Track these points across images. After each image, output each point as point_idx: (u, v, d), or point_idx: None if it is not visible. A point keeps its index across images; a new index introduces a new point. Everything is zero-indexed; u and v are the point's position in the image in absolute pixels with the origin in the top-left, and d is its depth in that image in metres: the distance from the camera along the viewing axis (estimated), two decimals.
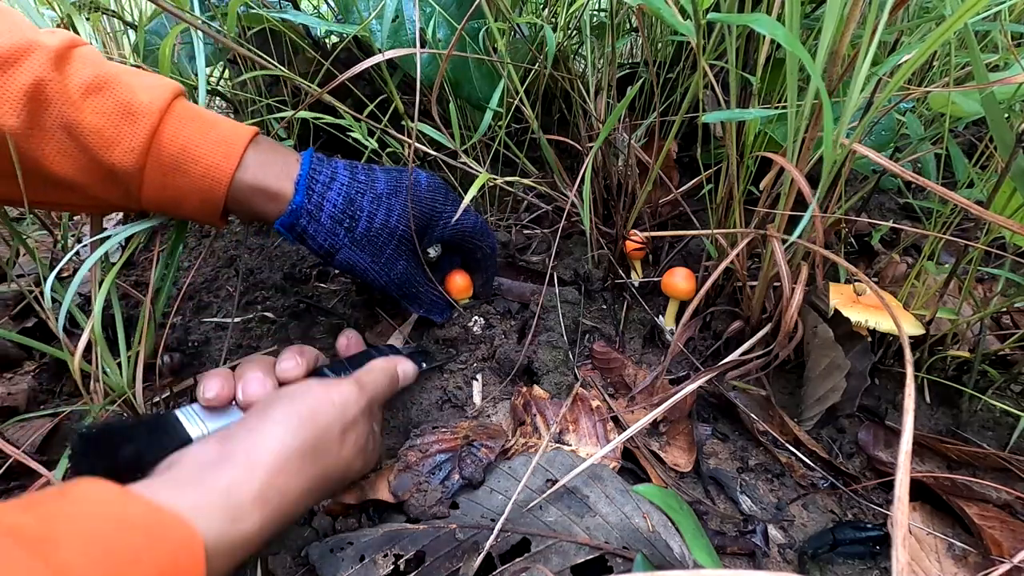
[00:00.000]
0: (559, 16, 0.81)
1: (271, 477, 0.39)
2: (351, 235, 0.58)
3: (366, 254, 0.59)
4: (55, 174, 0.46)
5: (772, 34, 0.39)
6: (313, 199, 0.55)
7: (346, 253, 0.59)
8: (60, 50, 0.44)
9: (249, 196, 0.53)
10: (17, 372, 0.73)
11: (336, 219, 0.57)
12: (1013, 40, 0.58)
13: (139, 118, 0.47)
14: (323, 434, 0.45)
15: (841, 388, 0.55)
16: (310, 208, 0.55)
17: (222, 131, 0.51)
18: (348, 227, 0.58)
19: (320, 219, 0.56)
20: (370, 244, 0.59)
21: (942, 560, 0.52)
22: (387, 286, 0.62)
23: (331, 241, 0.57)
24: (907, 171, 0.45)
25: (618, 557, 0.47)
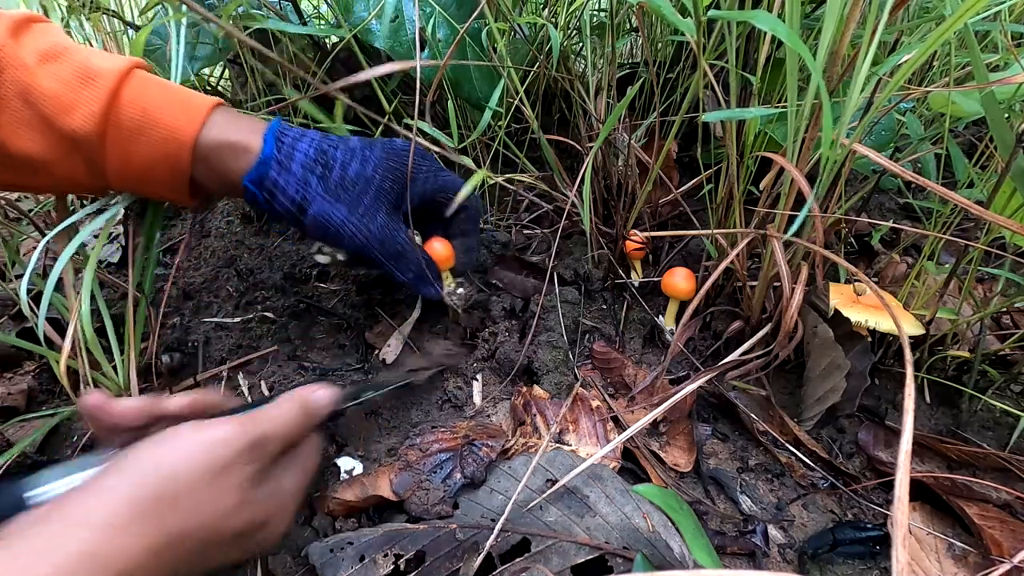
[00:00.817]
0: (559, 16, 0.81)
1: (91, 540, 0.32)
2: (324, 184, 0.54)
3: (342, 205, 0.54)
4: (16, 149, 0.45)
5: (773, 30, 0.39)
6: (283, 149, 0.52)
7: (320, 205, 0.53)
8: (17, 21, 0.44)
9: (216, 153, 0.50)
10: (17, 372, 0.73)
11: (308, 167, 0.53)
12: (1013, 40, 0.58)
13: (97, 81, 0.45)
14: (173, 482, 0.35)
15: (841, 388, 0.55)
16: (280, 158, 0.52)
17: (185, 95, 0.50)
18: (321, 175, 0.53)
19: (291, 168, 0.53)
20: (346, 194, 0.55)
21: (942, 560, 0.52)
22: (367, 244, 0.56)
23: (303, 192, 0.53)
24: (907, 171, 0.45)
25: (618, 557, 0.47)
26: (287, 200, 0.53)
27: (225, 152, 0.51)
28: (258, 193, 0.53)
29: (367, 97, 1.00)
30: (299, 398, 0.46)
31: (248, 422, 0.40)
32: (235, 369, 0.71)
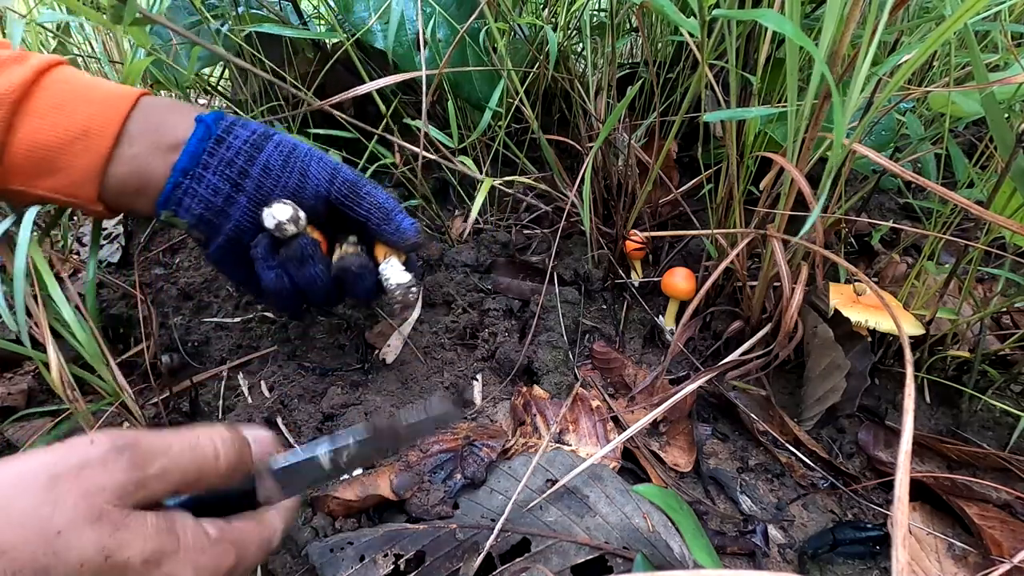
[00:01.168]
0: (559, 16, 0.81)
1: None
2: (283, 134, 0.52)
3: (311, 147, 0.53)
4: None
5: (779, 28, 0.39)
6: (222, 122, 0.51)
7: (285, 137, 0.51)
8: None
9: (165, 107, 0.49)
10: (17, 372, 0.73)
11: (267, 127, 0.52)
12: (1013, 40, 0.58)
13: (29, 59, 0.45)
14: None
15: (841, 388, 0.55)
16: (239, 119, 0.51)
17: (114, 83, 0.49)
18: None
19: (246, 122, 0.51)
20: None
21: (942, 560, 0.52)
22: (337, 166, 0.52)
23: (264, 130, 0.51)
24: (907, 171, 0.45)
25: (618, 557, 0.47)
26: (247, 131, 0.50)
27: (171, 108, 0.49)
28: (213, 127, 0.49)
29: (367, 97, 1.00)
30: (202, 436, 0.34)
31: (117, 432, 0.31)
32: (235, 369, 0.71)
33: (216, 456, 0.34)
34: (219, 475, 0.34)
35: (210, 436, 0.34)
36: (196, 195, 0.48)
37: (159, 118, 0.48)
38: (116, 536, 0.28)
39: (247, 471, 0.36)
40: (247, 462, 0.36)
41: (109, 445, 0.30)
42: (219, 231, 0.51)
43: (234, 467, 0.35)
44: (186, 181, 0.48)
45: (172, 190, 0.48)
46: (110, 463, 0.29)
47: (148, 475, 0.30)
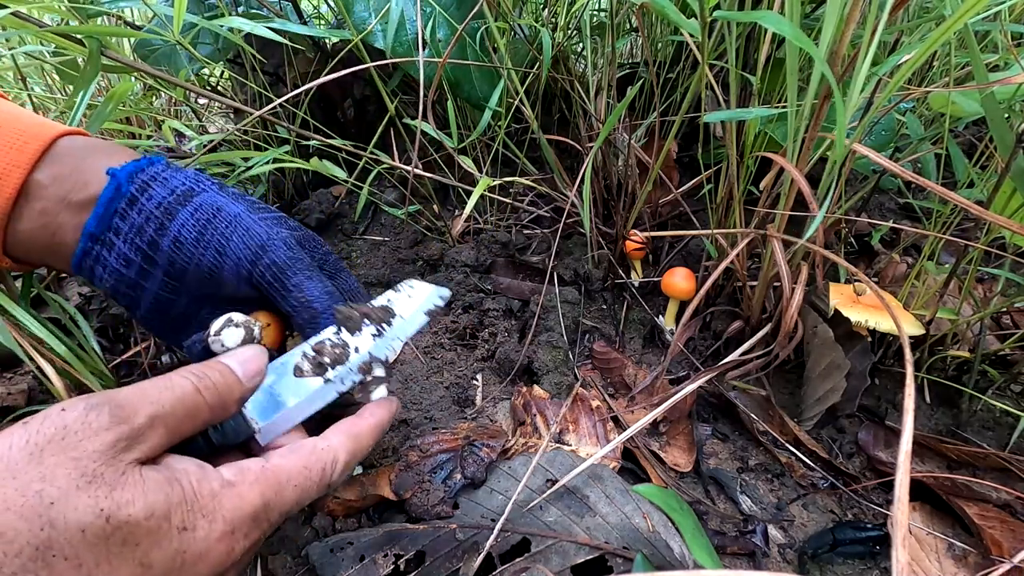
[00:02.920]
0: (559, 16, 0.81)
1: None
2: (215, 187, 0.43)
3: (236, 201, 0.43)
4: None
5: (779, 29, 0.39)
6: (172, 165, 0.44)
7: (211, 197, 0.42)
8: None
9: (82, 153, 0.41)
10: (17, 372, 0.73)
11: (206, 177, 0.44)
12: (1013, 40, 0.58)
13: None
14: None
15: (841, 388, 0.55)
16: (173, 166, 0.43)
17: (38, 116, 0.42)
18: (219, 185, 0.44)
19: (185, 172, 0.43)
20: (236, 198, 0.44)
21: (942, 560, 0.52)
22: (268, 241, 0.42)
23: (188, 184, 0.42)
24: (907, 171, 0.45)
25: (618, 557, 0.47)
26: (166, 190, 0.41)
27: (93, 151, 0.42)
28: (126, 184, 0.41)
29: (367, 97, 1.01)
30: (189, 367, 0.33)
31: (87, 395, 0.30)
32: None
33: (197, 390, 0.32)
34: (210, 408, 0.32)
35: (182, 374, 0.32)
36: (107, 266, 0.41)
37: (73, 165, 0.40)
38: (113, 496, 0.27)
39: (241, 398, 0.34)
40: (236, 389, 0.33)
41: (83, 406, 0.28)
42: (138, 304, 0.43)
43: (223, 397, 0.33)
44: (96, 247, 0.41)
45: (82, 256, 0.41)
46: (91, 423, 0.28)
47: (135, 427, 0.29)
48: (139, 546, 0.27)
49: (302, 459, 0.35)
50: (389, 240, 0.88)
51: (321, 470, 0.35)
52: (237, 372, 0.35)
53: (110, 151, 0.42)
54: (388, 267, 0.83)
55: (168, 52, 0.83)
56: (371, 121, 1.00)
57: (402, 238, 0.89)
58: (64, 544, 0.25)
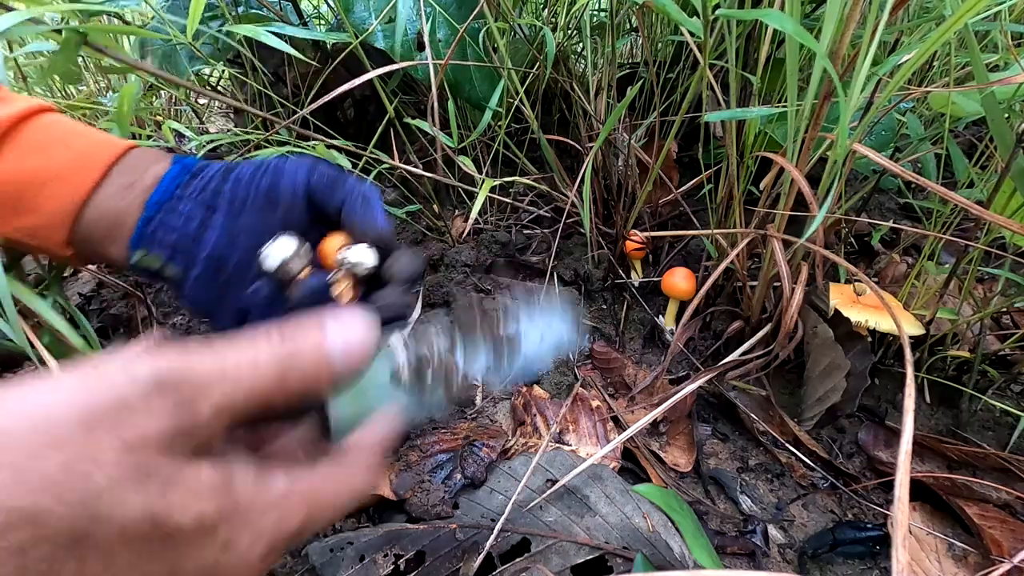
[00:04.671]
0: (559, 16, 0.81)
1: None
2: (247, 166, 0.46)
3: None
4: None
5: (782, 27, 0.39)
6: (200, 162, 0.47)
7: (247, 167, 0.45)
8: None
9: (146, 155, 0.45)
10: (17, 372, 0.73)
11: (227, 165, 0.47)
12: (1013, 40, 0.58)
13: (16, 102, 0.43)
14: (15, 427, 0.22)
15: (841, 388, 0.55)
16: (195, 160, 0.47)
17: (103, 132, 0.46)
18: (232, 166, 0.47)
19: (213, 164, 0.46)
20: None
21: (942, 560, 0.52)
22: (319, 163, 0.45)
23: (226, 165, 0.45)
24: (907, 171, 0.45)
25: (618, 557, 0.47)
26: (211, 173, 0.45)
27: (153, 158, 0.46)
28: (191, 162, 0.45)
29: (366, 97, 1.01)
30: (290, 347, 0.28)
31: (164, 355, 0.25)
32: None
33: (281, 379, 0.27)
34: (286, 403, 0.28)
35: (271, 353, 0.27)
36: (168, 225, 0.43)
37: (143, 167, 0.44)
38: (166, 498, 0.23)
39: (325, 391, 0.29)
40: (325, 387, 0.29)
41: (152, 383, 0.24)
42: (195, 260, 0.44)
43: (307, 393, 0.28)
44: (159, 214, 0.43)
45: (144, 226, 0.43)
46: (154, 405, 0.24)
47: (200, 420, 0.25)
48: (176, 551, 0.24)
49: (348, 477, 0.31)
50: None
51: (352, 490, 0.31)
52: (335, 365, 0.29)
53: (172, 156, 0.47)
54: None
55: (169, 52, 0.83)
56: (371, 121, 1.00)
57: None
58: (101, 539, 0.22)
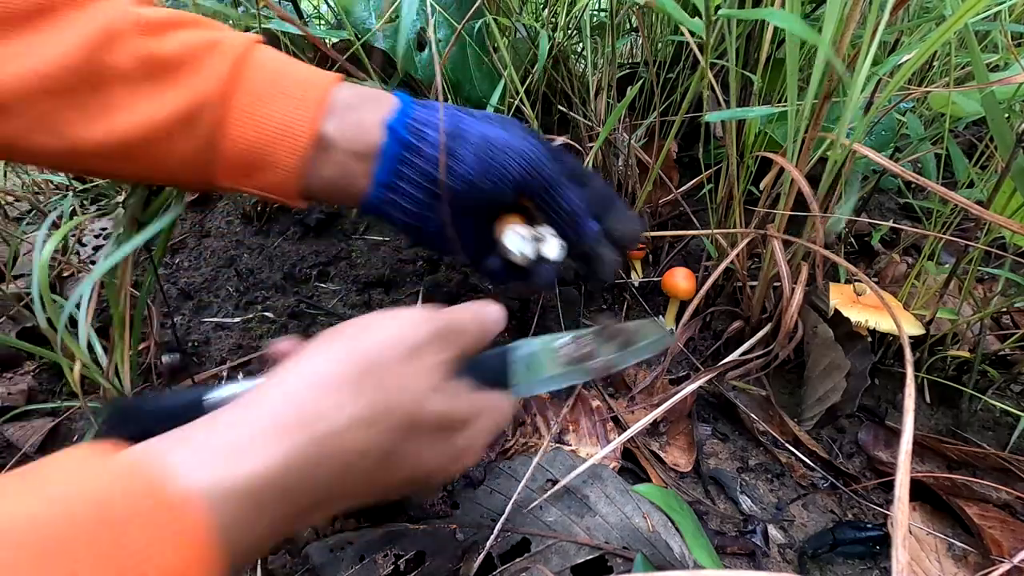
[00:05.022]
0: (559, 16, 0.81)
1: (298, 400, 0.31)
2: (473, 117, 0.48)
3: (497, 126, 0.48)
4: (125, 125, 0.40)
5: (786, 26, 0.39)
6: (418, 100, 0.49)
7: (479, 127, 0.47)
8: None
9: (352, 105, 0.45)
10: (17, 372, 0.73)
11: (450, 109, 0.48)
12: (1013, 40, 0.58)
13: (223, 46, 0.42)
14: (374, 353, 0.35)
15: (841, 388, 0.55)
16: (421, 102, 0.48)
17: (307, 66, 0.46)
18: (467, 111, 0.49)
19: (434, 107, 0.48)
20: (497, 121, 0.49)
21: (942, 560, 0.52)
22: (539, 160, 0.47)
23: (455, 122, 0.47)
24: (907, 171, 0.45)
25: (618, 557, 0.47)
26: (438, 133, 0.46)
27: (366, 105, 0.46)
28: (404, 134, 0.46)
29: None
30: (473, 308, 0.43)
31: (436, 313, 0.40)
32: (235, 369, 0.71)
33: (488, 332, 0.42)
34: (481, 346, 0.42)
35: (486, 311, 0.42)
36: (396, 206, 0.48)
37: (353, 119, 0.46)
38: (451, 401, 0.37)
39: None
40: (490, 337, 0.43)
41: (433, 328, 0.38)
42: (422, 233, 0.50)
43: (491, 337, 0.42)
44: (387, 193, 0.47)
45: (373, 200, 0.47)
46: (437, 343, 0.38)
47: (458, 353, 0.39)
48: (453, 434, 0.38)
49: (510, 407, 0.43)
50: (389, 240, 0.88)
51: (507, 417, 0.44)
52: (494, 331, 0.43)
53: (374, 99, 0.47)
54: (388, 267, 0.83)
55: None
56: None
57: (402, 238, 0.89)
58: (423, 424, 0.35)
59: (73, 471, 0.25)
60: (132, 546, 0.23)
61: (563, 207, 0.49)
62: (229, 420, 0.30)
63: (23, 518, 0.22)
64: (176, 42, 0.41)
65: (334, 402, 0.32)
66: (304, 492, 0.30)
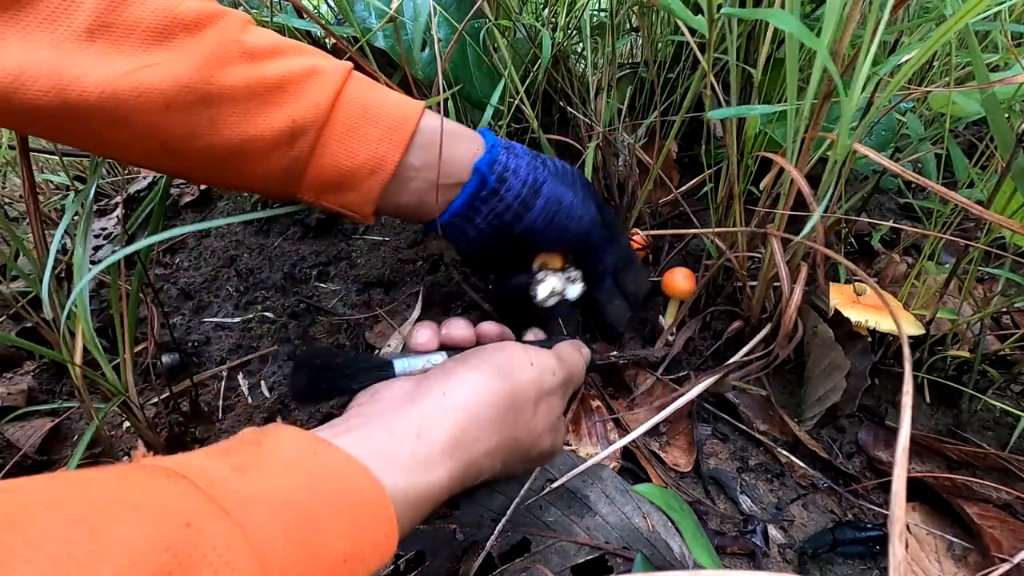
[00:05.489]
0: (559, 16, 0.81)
1: (462, 424, 0.38)
2: (548, 170, 0.53)
3: (567, 188, 0.53)
4: (232, 136, 0.43)
5: (785, 27, 0.39)
6: (501, 140, 0.52)
7: (552, 186, 0.52)
8: (244, 19, 0.43)
9: (436, 139, 0.49)
10: (17, 372, 0.73)
11: (531, 155, 0.53)
12: (1013, 40, 0.58)
13: (323, 76, 0.45)
14: (519, 394, 0.41)
15: (841, 388, 0.55)
16: (505, 144, 0.52)
17: (397, 94, 0.49)
18: (543, 162, 0.53)
19: (518, 152, 0.52)
20: (565, 179, 0.54)
21: (942, 560, 0.52)
22: (592, 228, 0.55)
23: (534, 174, 0.52)
24: (907, 171, 0.45)
25: (618, 557, 0.47)
26: (519, 182, 0.51)
27: (451, 139, 0.50)
28: (489, 177, 0.50)
29: None
30: (583, 353, 0.53)
31: (564, 361, 0.48)
32: (235, 369, 0.71)
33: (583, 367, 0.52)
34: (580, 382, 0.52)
35: (581, 353, 0.53)
36: (464, 234, 0.53)
37: (438, 152, 0.50)
38: (556, 439, 0.46)
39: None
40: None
41: (561, 379, 0.46)
42: (469, 253, 0.57)
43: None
44: (457, 220, 0.52)
45: (443, 225, 0.52)
46: (560, 390, 0.46)
47: (567, 393, 0.48)
48: (543, 458, 0.46)
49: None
50: (389, 240, 0.88)
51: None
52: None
53: (461, 135, 0.51)
54: (388, 267, 0.83)
55: None
56: None
57: (402, 238, 0.89)
58: (533, 456, 0.45)
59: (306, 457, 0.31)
60: (360, 522, 0.30)
61: (597, 268, 0.58)
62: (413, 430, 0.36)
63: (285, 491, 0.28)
64: (280, 67, 0.43)
65: (484, 434, 0.39)
66: (446, 498, 0.37)
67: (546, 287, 0.56)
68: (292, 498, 0.28)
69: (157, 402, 0.66)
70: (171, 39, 0.39)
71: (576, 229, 0.54)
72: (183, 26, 0.39)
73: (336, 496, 0.30)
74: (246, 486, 0.27)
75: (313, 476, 0.30)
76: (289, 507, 0.27)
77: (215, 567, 0.23)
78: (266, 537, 0.26)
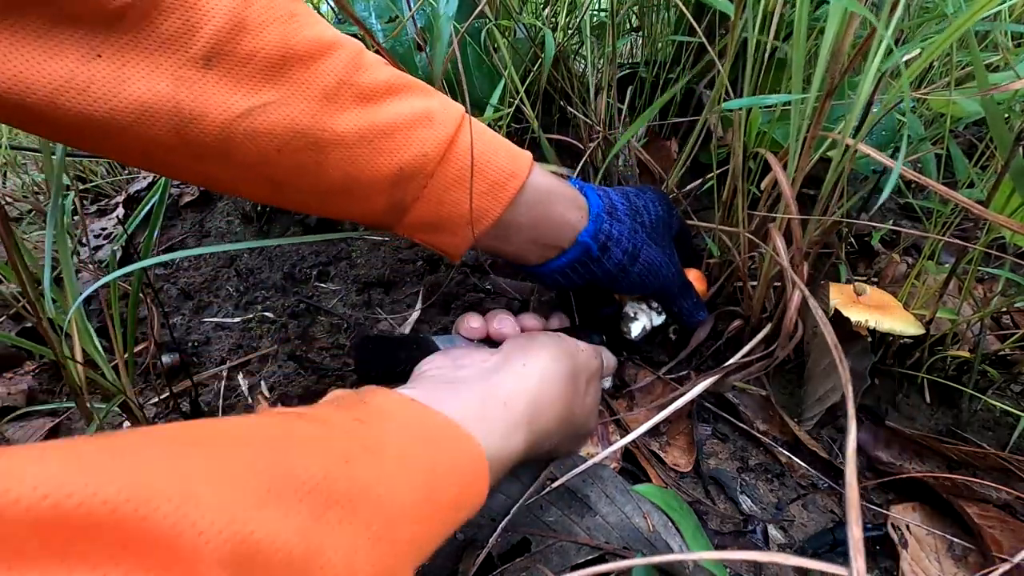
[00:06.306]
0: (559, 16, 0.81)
1: (537, 396, 0.42)
2: (645, 230, 0.55)
3: (657, 247, 0.56)
4: (328, 182, 0.43)
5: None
6: (603, 199, 0.53)
7: (647, 251, 0.54)
8: (356, 53, 0.42)
9: (546, 199, 0.49)
10: (17, 372, 0.73)
11: (631, 215, 0.54)
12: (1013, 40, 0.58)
13: (435, 124, 0.44)
14: (578, 373, 0.46)
15: (841, 388, 0.55)
16: (608, 209, 0.52)
17: (507, 142, 0.49)
18: (641, 222, 0.54)
19: (621, 218, 0.53)
20: (657, 235, 0.56)
21: (942, 560, 0.52)
22: (671, 281, 0.59)
23: (633, 241, 0.53)
24: (908, 171, 0.45)
25: (618, 557, 0.47)
26: (621, 251, 0.53)
27: (555, 200, 0.50)
28: (592, 247, 0.52)
29: None
30: (607, 355, 0.58)
31: (598, 355, 0.52)
32: (235, 369, 0.71)
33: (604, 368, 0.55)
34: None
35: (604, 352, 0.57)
36: (555, 282, 0.55)
37: (542, 213, 0.50)
38: (595, 421, 0.52)
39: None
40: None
41: (598, 364, 0.52)
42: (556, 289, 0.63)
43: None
44: (553, 275, 0.54)
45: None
46: (596, 376, 0.51)
47: (599, 384, 0.53)
48: (576, 439, 0.51)
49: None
50: (389, 240, 0.88)
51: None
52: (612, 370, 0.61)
53: (563, 196, 0.51)
54: (388, 267, 0.83)
55: None
56: None
57: (402, 238, 0.89)
58: (581, 430, 0.50)
59: (414, 416, 0.36)
60: (465, 476, 0.34)
61: (671, 311, 0.64)
62: (500, 399, 0.41)
63: (395, 447, 0.32)
64: (392, 112, 0.42)
65: (553, 407, 0.43)
66: (517, 464, 0.41)
67: (638, 325, 0.63)
68: (412, 456, 0.32)
69: (157, 402, 0.66)
70: (286, 73, 0.38)
71: (660, 283, 0.57)
72: (298, 58, 0.38)
73: (446, 457, 0.34)
74: (371, 435, 0.31)
75: (427, 438, 0.34)
76: (408, 457, 0.31)
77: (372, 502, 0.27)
78: (396, 481, 0.29)
